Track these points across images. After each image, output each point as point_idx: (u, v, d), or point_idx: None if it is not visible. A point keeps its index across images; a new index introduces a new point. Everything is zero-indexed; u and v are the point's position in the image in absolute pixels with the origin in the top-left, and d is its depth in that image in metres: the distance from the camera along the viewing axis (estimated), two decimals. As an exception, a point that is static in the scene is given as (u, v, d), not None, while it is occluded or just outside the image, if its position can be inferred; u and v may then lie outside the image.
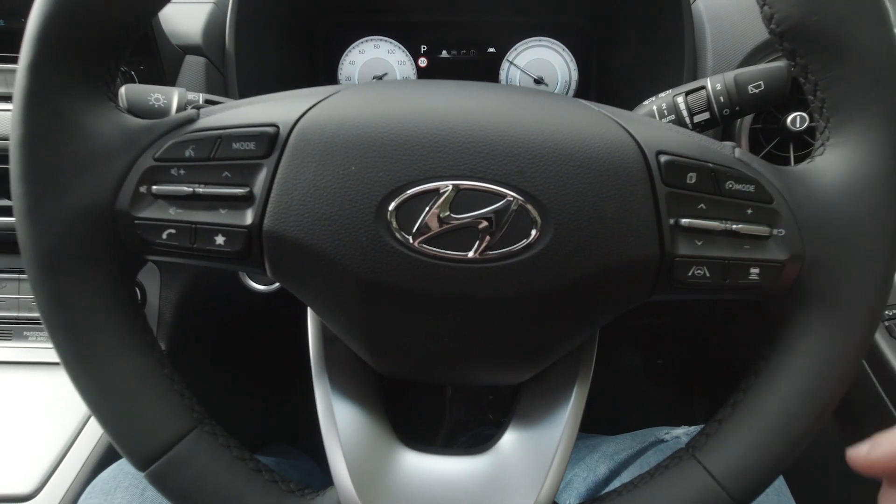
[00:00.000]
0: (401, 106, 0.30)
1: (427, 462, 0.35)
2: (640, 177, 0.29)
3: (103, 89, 0.31)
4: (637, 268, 0.30)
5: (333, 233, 0.29)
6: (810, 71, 0.30)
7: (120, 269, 0.31)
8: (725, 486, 0.31)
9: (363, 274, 0.29)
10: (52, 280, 0.29)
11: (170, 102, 0.41)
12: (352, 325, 0.32)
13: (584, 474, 0.58)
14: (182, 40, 0.58)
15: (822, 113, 0.31)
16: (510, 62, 0.74)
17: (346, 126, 0.29)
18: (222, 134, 0.30)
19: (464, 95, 0.32)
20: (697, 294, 0.31)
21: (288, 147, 0.29)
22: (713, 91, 0.41)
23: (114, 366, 0.30)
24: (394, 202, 0.28)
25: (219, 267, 0.32)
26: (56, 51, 0.28)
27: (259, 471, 0.33)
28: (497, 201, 0.28)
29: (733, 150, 0.31)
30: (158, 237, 0.30)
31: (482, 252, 0.28)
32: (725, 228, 0.30)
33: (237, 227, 0.30)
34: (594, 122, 0.30)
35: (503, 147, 0.29)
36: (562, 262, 0.29)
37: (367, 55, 0.73)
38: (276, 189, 0.29)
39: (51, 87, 0.29)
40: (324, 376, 0.35)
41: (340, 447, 0.33)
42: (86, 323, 0.30)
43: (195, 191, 0.30)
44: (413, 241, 0.28)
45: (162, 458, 0.31)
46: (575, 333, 0.32)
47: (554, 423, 0.34)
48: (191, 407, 0.32)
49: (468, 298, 0.29)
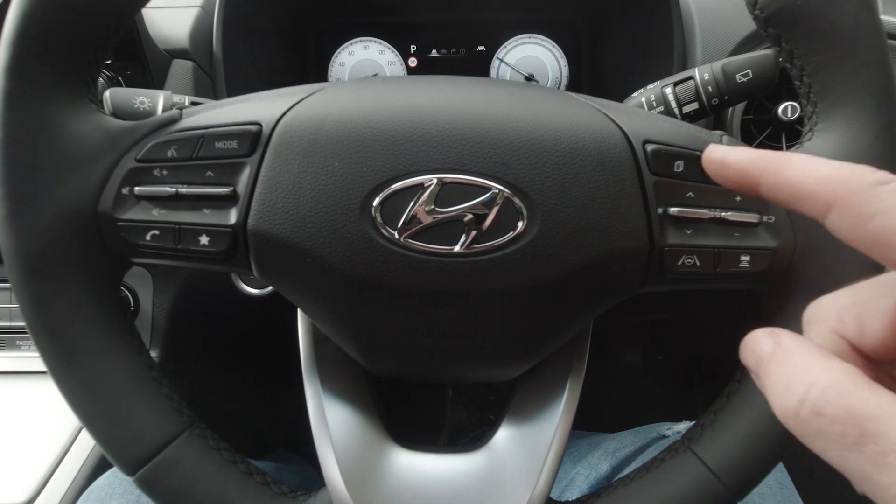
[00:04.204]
0: (383, 101, 0.30)
1: (421, 461, 0.34)
2: (627, 166, 0.29)
3: (84, 91, 0.30)
4: (626, 258, 0.29)
5: (318, 230, 0.28)
6: (796, 56, 0.30)
7: (104, 273, 0.31)
8: (721, 476, 0.31)
9: (349, 270, 0.29)
10: (35, 284, 0.29)
11: (155, 105, 0.41)
12: (340, 322, 0.31)
13: (586, 472, 0.57)
14: (169, 44, 0.58)
15: (809, 98, 0.31)
16: (500, 60, 0.73)
17: (329, 122, 0.29)
18: (205, 133, 0.30)
19: (447, 89, 0.31)
20: (689, 284, 0.31)
21: (271, 145, 0.29)
22: (701, 81, 0.41)
23: (100, 370, 0.30)
24: (378, 197, 0.28)
25: (205, 268, 0.32)
26: (35, 52, 0.28)
27: (250, 473, 0.32)
28: (482, 194, 0.28)
29: (721, 138, 0.31)
30: (142, 239, 0.30)
31: (468, 246, 0.28)
32: (714, 216, 0.30)
33: (221, 227, 0.29)
34: (580, 113, 0.30)
35: (487, 139, 0.28)
36: (550, 255, 0.28)
37: (357, 56, 0.73)
38: (259, 187, 0.29)
39: (30, 89, 0.28)
40: (314, 377, 0.34)
41: (332, 448, 0.33)
42: (70, 327, 0.30)
43: (178, 191, 0.29)
44: (399, 237, 0.28)
45: (150, 461, 0.30)
46: (566, 327, 0.32)
47: (548, 418, 0.34)
48: (180, 410, 0.32)
49: (455, 293, 0.29)
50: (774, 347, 0.19)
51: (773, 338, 0.20)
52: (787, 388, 0.18)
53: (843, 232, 0.19)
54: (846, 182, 0.19)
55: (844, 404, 0.17)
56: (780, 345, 0.19)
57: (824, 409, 0.17)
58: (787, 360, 0.19)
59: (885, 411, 0.16)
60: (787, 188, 0.21)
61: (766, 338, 0.20)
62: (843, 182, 0.19)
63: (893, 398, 0.16)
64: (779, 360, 0.19)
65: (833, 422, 0.17)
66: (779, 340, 0.20)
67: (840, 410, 0.17)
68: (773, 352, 0.19)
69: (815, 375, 0.18)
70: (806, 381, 0.18)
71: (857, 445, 0.16)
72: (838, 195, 0.19)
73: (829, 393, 0.17)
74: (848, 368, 0.18)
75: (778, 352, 0.19)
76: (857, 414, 0.16)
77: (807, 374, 0.18)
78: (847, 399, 0.17)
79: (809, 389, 0.17)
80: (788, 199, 0.21)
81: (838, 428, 0.17)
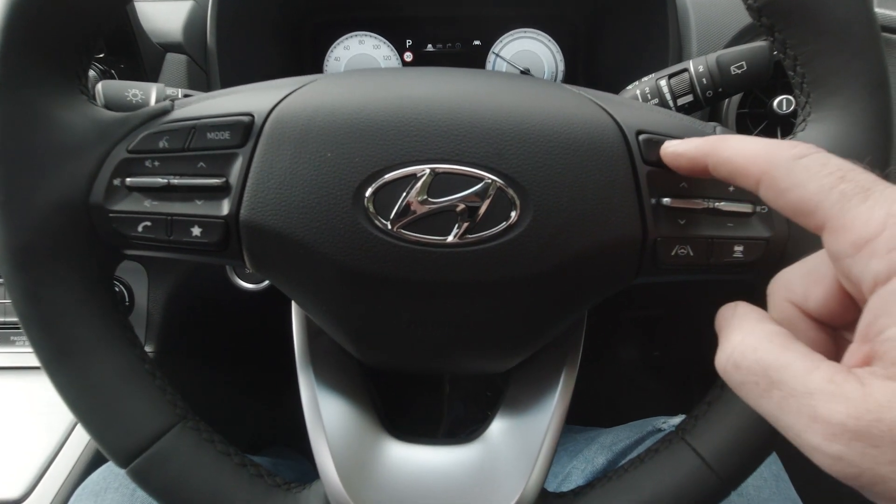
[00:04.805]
0: (376, 92, 0.30)
1: (415, 452, 0.34)
2: (620, 156, 0.29)
3: (75, 81, 0.30)
4: (620, 249, 0.29)
5: (311, 220, 0.28)
6: (789, 45, 0.30)
7: (96, 264, 0.31)
8: (714, 466, 0.31)
9: (342, 261, 0.28)
10: (26, 276, 0.29)
11: (148, 98, 0.41)
12: (333, 314, 0.31)
13: (582, 466, 0.57)
14: (162, 38, 0.58)
15: (802, 88, 0.31)
16: (496, 54, 0.73)
17: (322, 113, 0.29)
18: (196, 124, 0.30)
19: (440, 80, 0.31)
20: (683, 274, 0.31)
21: (263, 136, 0.29)
22: (696, 73, 0.41)
23: (92, 362, 0.30)
24: (371, 188, 0.28)
25: (197, 259, 0.32)
26: (25, 42, 0.28)
27: (244, 465, 0.32)
28: (475, 184, 0.28)
29: (714, 129, 0.31)
30: (134, 230, 0.30)
31: (461, 236, 0.28)
32: (708, 207, 0.30)
33: (214, 218, 0.29)
34: (573, 104, 0.30)
35: (480, 129, 0.28)
36: (543, 245, 0.28)
37: (353, 51, 0.73)
38: (251, 178, 0.29)
39: (20, 80, 0.28)
40: (308, 369, 0.34)
41: (326, 440, 0.32)
42: (62, 319, 0.30)
43: (170, 182, 0.29)
44: (391, 227, 0.28)
45: (143, 454, 0.30)
46: (560, 318, 0.32)
47: (542, 410, 0.34)
48: (173, 403, 0.32)
49: (449, 283, 0.29)
50: (731, 315, 0.23)
51: (732, 307, 0.23)
52: (723, 345, 0.21)
53: (771, 203, 0.22)
54: (769, 157, 0.22)
55: (757, 358, 0.20)
56: (734, 314, 0.22)
57: (741, 362, 0.20)
58: (734, 323, 0.22)
59: (789, 362, 0.19)
60: (725, 166, 0.24)
61: (729, 307, 0.23)
62: (766, 158, 0.22)
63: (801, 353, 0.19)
64: (731, 325, 0.22)
65: (749, 373, 0.20)
66: (735, 310, 0.23)
67: (753, 363, 0.20)
68: (730, 317, 0.22)
69: (743, 335, 0.21)
70: (734, 340, 0.21)
71: (767, 392, 0.19)
72: (763, 170, 0.22)
73: (746, 349, 0.20)
74: (773, 330, 0.20)
75: (733, 319, 0.22)
76: (765, 366, 0.19)
77: (737, 334, 0.21)
78: (759, 354, 0.20)
79: (735, 346, 0.21)
80: (728, 175, 0.24)
81: (753, 378, 0.19)
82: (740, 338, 0.21)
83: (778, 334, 0.20)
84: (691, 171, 0.27)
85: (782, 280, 0.23)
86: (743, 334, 0.21)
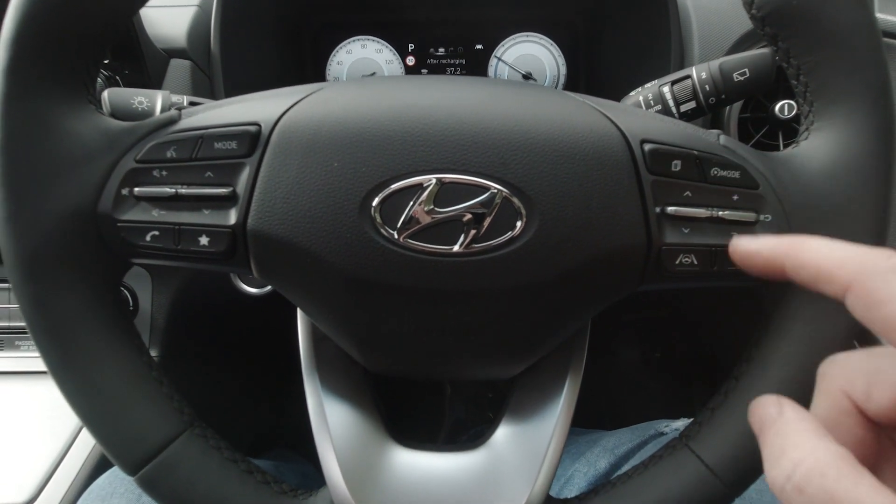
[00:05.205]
0: (382, 101, 0.30)
1: (420, 459, 0.34)
2: (625, 165, 0.29)
3: (83, 91, 0.30)
4: (624, 257, 0.30)
5: (318, 230, 0.28)
6: (792, 55, 0.30)
7: (104, 273, 0.31)
8: (718, 473, 0.31)
9: (349, 270, 0.29)
10: (35, 285, 0.29)
11: (154, 105, 0.41)
12: (339, 322, 0.31)
13: (584, 469, 0.58)
14: (166, 44, 0.58)
15: (805, 97, 0.31)
16: (498, 58, 0.73)
17: (328, 122, 0.29)
18: (204, 134, 0.30)
19: (446, 89, 0.31)
20: (686, 282, 0.31)
21: (270, 145, 0.29)
22: (699, 80, 0.41)
23: (100, 370, 0.30)
24: (377, 197, 0.28)
25: (205, 268, 0.32)
26: (33, 53, 0.28)
27: (251, 472, 0.33)
28: (481, 194, 0.28)
29: (718, 137, 0.31)
30: (142, 239, 0.30)
31: (467, 245, 0.28)
32: (712, 215, 0.30)
33: (221, 228, 0.29)
34: (577, 113, 0.30)
35: (486, 139, 0.28)
36: (548, 254, 0.28)
37: (355, 55, 0.73)
38: (259, 188, 0.29)
39: (29, 90, 0.28)
40: (314, 375, 0.35)
41: (332, 446, 0.33)
42: (71, 327, 0.30)
43: (178, 192, 0.30)
44: (398, 236, 0.28)
45: (152, 461, 0.30)
46: (565, 325, 0.32)
47: (547, 416, 0.34)
48: (181, 410, 0.32)
49: (455, 292, 0.29)
50: (776, 416, 0.20)
51: (777, 406, 0.21)
52: (779, 459, 0.19)
53: (859, 314, 0.20)
54: (861, 266, 0.20)
55: (826, 487, 0.18)
56: (781, 414, 0.20)
57: (806, 488, 0.18)
58: (785, 430, 0.20)
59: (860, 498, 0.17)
60: (808, 270, 0.22)
61: (772, 405, 0.21)
62: (859, 265, 0.20)
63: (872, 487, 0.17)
64: (777, 430, 0.20)
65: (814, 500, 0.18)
66: (781, 410, 0.21)
67: (820, 492, 0.17)
68: (774, 420, 0.20)
69: (805, 453, 0.19)
70: (795, 458, 0.19)
71: None
72: (854, 279, 0.20)
73: (812, 474, 0.18)
74: (836, 451, 0.18)
75: (779, 421, 0.20)
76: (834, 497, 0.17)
77: (797, 450, 0.19)
78: (829, 483, 0.18)
79: (797, 466, 0.18)
80: (810, 280, 0.22)
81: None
82: (801, 456, 0.18)
83: (846, 460, 0.18)
84: (765, 272, 0.24)
85: (843, 370, 0.21)
86: (803, 452, 0.19)
